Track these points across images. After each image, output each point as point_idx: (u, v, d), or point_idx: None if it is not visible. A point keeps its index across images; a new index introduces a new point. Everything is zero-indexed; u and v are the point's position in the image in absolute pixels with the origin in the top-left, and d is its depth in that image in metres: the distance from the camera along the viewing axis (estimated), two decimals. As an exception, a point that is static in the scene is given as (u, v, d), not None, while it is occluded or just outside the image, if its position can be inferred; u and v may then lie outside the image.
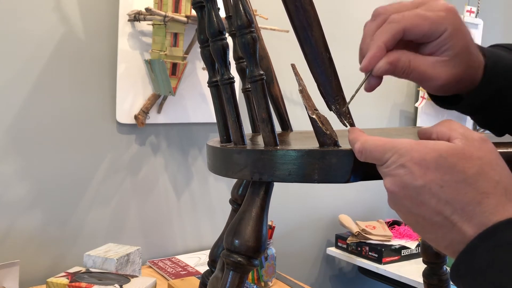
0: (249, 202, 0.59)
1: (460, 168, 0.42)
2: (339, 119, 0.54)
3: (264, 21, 1.38)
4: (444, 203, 0.42)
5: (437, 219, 0.42)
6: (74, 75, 1.31)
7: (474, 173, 0.42)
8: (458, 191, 0.41)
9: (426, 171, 0.42)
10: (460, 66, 0.54)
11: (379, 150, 0.46)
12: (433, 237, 0.44)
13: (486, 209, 0.41)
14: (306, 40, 0.52)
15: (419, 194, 0.42)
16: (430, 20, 0.52)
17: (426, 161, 0.42)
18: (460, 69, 0.54)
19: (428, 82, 0.55)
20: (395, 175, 0.44)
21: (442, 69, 0.53)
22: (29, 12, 1.24)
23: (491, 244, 0.39)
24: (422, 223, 0.44)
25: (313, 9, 0.52)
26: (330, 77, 0.53)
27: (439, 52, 0.53)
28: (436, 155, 0.42)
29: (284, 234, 1.73)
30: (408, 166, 0.43)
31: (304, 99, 0.52)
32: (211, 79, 0.67)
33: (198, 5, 0.65)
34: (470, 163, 0.42)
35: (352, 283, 1.96)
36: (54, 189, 1.31)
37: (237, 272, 0.58)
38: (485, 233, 0.40)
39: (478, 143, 0.44)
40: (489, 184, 0.42)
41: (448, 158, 0.42)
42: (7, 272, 1.09)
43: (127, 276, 1.12)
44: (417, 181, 0.42)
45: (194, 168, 1.55)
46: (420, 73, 0.53)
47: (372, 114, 1.94)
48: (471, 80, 0.56)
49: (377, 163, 0.46)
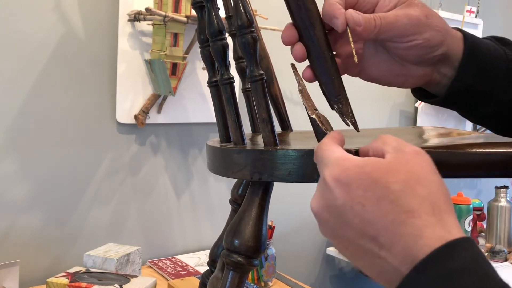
0: (249, 202, 0.59)
1: (383, 184, 0.37)
2: (341, 118, 0.54)
3: (264, 21, 1.38)
4: (366, 223, 0.37)
5: (362, 242, 0.38)
6: (74, 75, 1.31)
7: (398, 189, 0.37)
8: (380, 209, 0.37)
9: (347, 188, 0.38)
10: (418, 12, 0.52)
11: (317, 155, 0.44)
12: (363, 264, 0.39)
13: (411, 230, 0.35)
14: (308, 39, 0.52)
15: (342, 214, 0.38)
16: None
17: (348, 177, 0.38)
18: (419, 14, 0.52)
19: (392, 30, 0.52)
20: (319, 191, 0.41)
21: (402, 12, 0.52)
22: (29, 12, 1.24)
23: (429, 277, 0.34)
24: (350, 248, 0.39)
25: (315, 8, 0.52)
26: (333, 76, 0.53)
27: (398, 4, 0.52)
28: (359, 171, 0.38)
29: (284, 234, 1.73)
30: (328, 182, 0.40)
31: (304, 99, 0.52)
32: (211, 79, 0.67)
33: (198, 5, 0.65)
34: (395, 178, 0.37)
35: (352, 283, 1.96)
36: (54, 189, 1.31)
37: (237, 272, 0.58)
38: (419, 266, 0.34)
39: (409, 156, 0.39)
40: (415, 201, 0.36)
41: (372, 173, 0.38)
42: (7, 272, 1.09)
43: (127, 276, 1.12)
44: (337, 200, 0.38)
45: (194, 168, 1.55)
46: (388, 22, 0.51)
47: (372, 114, 1.94)
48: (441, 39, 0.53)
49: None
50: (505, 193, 1.85)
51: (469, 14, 2.06)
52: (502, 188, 1.85)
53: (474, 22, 2.08)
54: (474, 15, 2.08)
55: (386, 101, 1.99)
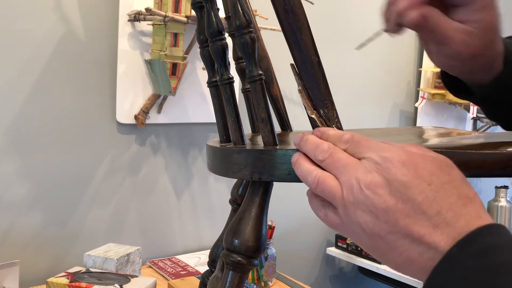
0: (249, 202, 0.59)
1: (446, 171, 0.41)
2: (326, 123, 0.53)
3: (264, 21, 1.38)
4: (431, 201, 0.39)
5: (414, 221, 0.39)
6: (74, 75, 1.31)
7: (459, 179, 0.41)
8: (445, 191, 0.40)
9: (415, 168, 0.41)
10: (481, 41, 0.53)
11: (361, 141, 0.45)
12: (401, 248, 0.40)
13: (472, 211, 0.39)
14: (295, 43, 0.52)
15: (406, 190, 0.40)
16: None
17: (415, 160, 0.41)
18: (480, 44, 0.53)
19: (446, 46, 0.54)
20: (368, 172, 0.42)
21: (464, 37, 0.53)
22: (29, 12, 1.24)
23: (473, 250, 0.37)
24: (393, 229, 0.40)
25: (302, 12, 0.52)
26: (319, 81, 0.53)
27: (467, 21, 0.53)
28: (423, 157, 0.42)
29: (284, 234, 1.73)
30: (393, 161, 0.41)
31: (304, 99, 0.52)
32: (210, 79, 0.67)
33: (198, 5, 0.65)
34: (455, 170, 0.42)
35: (352, 283, 1.96)
36: (54, 189, 1.31)
37: (237, 272, 0.58)
38: (466, 239, 0.38)
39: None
40: (471, 192, 0.41)
41: (435, 161, 0.42)
42: (7, 272, 1.09)
43: (127, 276, 1.12)
44: (404, 176, 0.40)
45: (194, 168, 1.55)
46: (443, 35, 0.53)
47: (372, 114, 1.94)
48: (485, 65, 0.55)
49: (353, 153, 0.44)
50: (505, 193, 1.85)
51: None
52: (502, 188, 1.85)
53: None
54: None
55: (386, 101, 1.99)
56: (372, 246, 0.42)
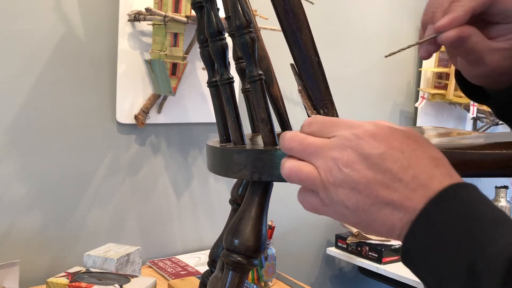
0: (249, 202, 0.59)
1: (413, 139, 0.43)
2: None
3: (264, 21, 1.38)
4: (406, 167, 0.41)
5: (392, 186, 0.41)
6: (74, 75, 1.31)
7: (426, 143, 0.43)
8: (416, 156, 0.41)
9: (387, 140, 0.42)
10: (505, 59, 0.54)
11: (326, 121, 0.45)
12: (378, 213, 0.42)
13: (443, 171, 0.41)
14: (295, 43, 0.52)
15: (382, 161, 0.41)
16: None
17: (385, 132, 0.43)
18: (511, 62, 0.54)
19: (476, 67, 0.54)
20: (341, 149, 0.42)
21: (498, 58, 0.53)
22: (29, 12, 1.24)
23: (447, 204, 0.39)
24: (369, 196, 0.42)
25: (302, 12, 0.52)
26: (319, 81, 0.53)
27: (506, 37, 0.53)
28: (391, 129, 0.43)
29: (284, 234, 1.73)
30: (365, 136, 0.42)
31: (304, 98, 0.52)
32: (210, 79, 0.67)
33: (198, 5, 0.65)
34: (421, 136, 0.44)
35: (352, 283, 1.96)
36: (54, 189, 1.31)
37: (237, 271, 0.58)
38: (439, 195, 0.39)
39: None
40: (438, 153, 0.43)
41: (403, 131, 0.43)
42: (7, 272, 1.09)
43: (127, 276, 1.12)
44: (378, 149, 0.41)
45: (194, 168, 1.55)
46: (478, 56, 0.53)
47: (372, 114, 1.94)
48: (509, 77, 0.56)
49: (322, 134, 0.45)
50: (505, 193, 1.85)
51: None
52: (502, 188, 1.85)
53: None
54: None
55: (386, 101, 1.99)
56: (356, 221, 0.43)
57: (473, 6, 0.51)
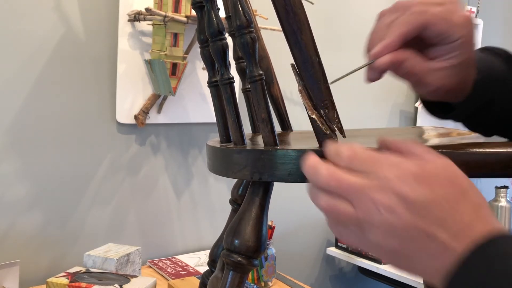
0: (249, 202, 0.59)
1: (457, 183, 0.42)
2: (327, 123, 0.53)
3: (264, 21, 1.38)
4: (449, 218, 0.41)
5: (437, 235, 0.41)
6: (74, 75, 1.31)
7: (468, 185, 0.42)
8: (459, 205, 0.41)
9: (428, 183, 0.41)
10: (456, 77, 0.55)
11: (367, 159, 0.44)
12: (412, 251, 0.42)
13: (484, 218, 0.41)
14: (295, 43, 0.52)
15: (425, 208, 0.41)
16: (451, 23, 0.52)
17: (425, 173, 0.42)
18: (455, 80, 0.55)
19: (420, 87, 0.56)
20: (392, 189, 0.41)
21: (437, 77, 0.54)
22: (29, 12, 1.24)
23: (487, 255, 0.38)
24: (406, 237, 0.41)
25: (303, 12, 0.52)
26: (319, 81, 0.53)
27: (445, 57, 0.54)
28: (433, 168, 0.42)
29: (284, 234, 1.73)
30: (408, 180, 0.41)
31: (304, 99, 0.52)
32: (211, 79, 0.67)
33: (198, 5, 0.65)
34: (462, 177, 0.43)
35: (352, 283, 1.96)
36: (54, 189, 1.31)
37: (237, 272, 0.58)
38: (480, 245, 0.39)
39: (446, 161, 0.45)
40: (479, 197, 0.42)
41: (444, 172, 0.42)
42: (7, 272, 1.09)
43: (127, 276, 1.12)
44: (422, 195, 0.41)
45: (194, 168, 1.55)
46: (418, 78, 0.54)
47: (372, 114, 1.94)
48: (459, 92, 0.57)
49: (361, 171, 0.43)
50: (505, 193, 1.84)
51: (469, 14, 2.05)
52: (502, 188, 1.85)
53: (474, 22, 2.07)
54: (474, 15, 2.08)
55: (386, 101, 1.99)
56: (389, 261, 0.44)
57: (404, 31, 0.52)
